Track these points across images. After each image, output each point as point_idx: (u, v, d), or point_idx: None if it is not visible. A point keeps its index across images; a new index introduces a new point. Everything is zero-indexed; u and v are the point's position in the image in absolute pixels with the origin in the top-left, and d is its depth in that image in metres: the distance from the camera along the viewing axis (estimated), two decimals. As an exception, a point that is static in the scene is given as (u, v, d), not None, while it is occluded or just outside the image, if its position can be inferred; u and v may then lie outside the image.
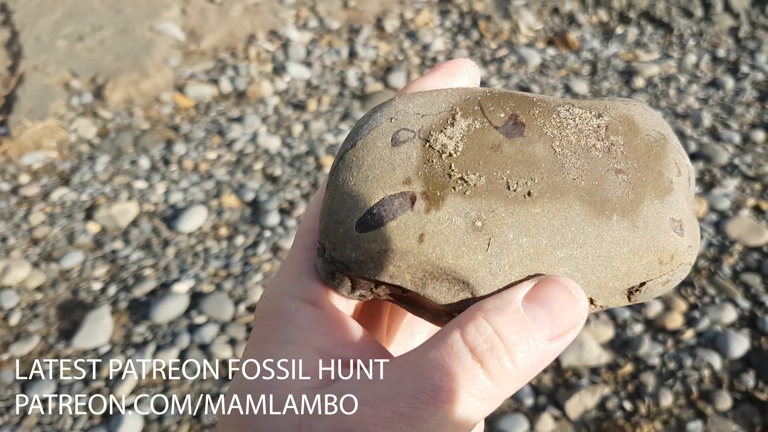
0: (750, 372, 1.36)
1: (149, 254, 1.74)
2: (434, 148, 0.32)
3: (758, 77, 2.44)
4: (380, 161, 0.32)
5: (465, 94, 0.35)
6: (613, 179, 0.34)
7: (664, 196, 0.35)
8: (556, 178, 0.33)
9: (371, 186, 0.32)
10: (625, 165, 0.35)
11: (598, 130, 0.35)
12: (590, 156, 0.34)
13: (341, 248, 0.32)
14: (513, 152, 0.33)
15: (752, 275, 1.59)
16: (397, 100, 0.35)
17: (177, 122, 2.28)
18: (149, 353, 1.46)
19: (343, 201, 0.32)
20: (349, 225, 0.32)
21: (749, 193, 1.87)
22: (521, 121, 0.34)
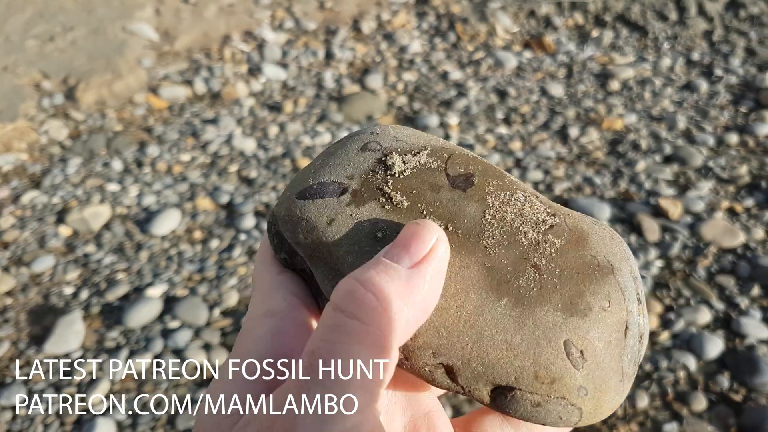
0: (725, 373, 1.37)
1: (122, 258, 1.71)
2: (386, 163, 0.37)
3: (732, 80, 2.47)
4: (343, 157, 0.38)
5: (447, 146, 0.39)
6: (524, 269, 0.34)
7: (571, 315, 0.33)
8: (470, 238, 0.34)
9: (325, 170, 0.37)
10: (545, 265, 0.34)
11: (540, 224, 0.36)
12: (515, 239, 0.35)
13: (279, 206, 0.38)
14: (447, 198, 0.36)
15: (727, 277, 1.61)
16: (392, 126, 0.40)
17: (150, 124, 2.25)
18: (122, 358, 1.43)
19: (301, 175, 0.38)
20: (293, 191, 0.37)
21: (723, 195, 1.89)
22: (472, 181, 0.36)
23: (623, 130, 2.21)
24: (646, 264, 1.65)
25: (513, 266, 0.34)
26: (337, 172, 0.37)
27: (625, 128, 2.22)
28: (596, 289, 0.34)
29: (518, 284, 0.34)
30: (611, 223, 1.79)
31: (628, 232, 1.76)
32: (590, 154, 2.09)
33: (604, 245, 0.36)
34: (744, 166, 2.00)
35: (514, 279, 0.34)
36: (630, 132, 2.20)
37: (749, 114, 2.27)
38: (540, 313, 0.33)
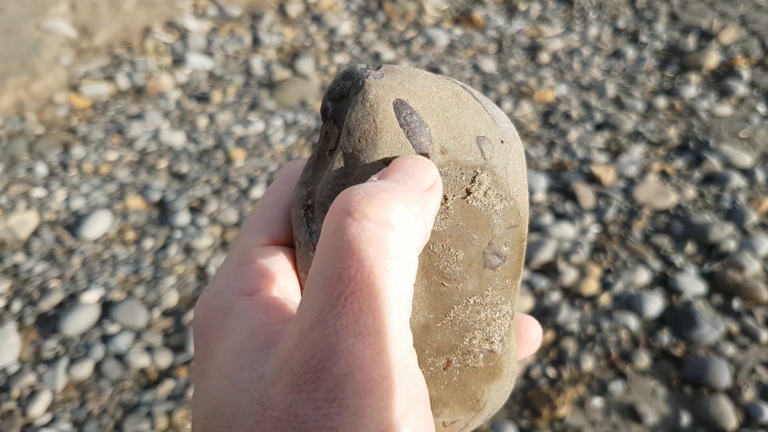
0: (665, 330, 1.41)
1: (54, 265, 1.65)
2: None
3: (657, 45, 2.52)
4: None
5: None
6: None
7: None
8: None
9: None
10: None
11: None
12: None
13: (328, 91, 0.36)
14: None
15: (662, 237, 1.64)
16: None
17: (74, 124, 2.16)
18: (62, 368, 1.39)
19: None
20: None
21: (654, 158, 1.93)
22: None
23: (554, 102, 2.23)
24: (583, 230, 1.68)
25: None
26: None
27: (557, 99, 2.25)
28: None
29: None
30: (547, 193, 1.81)
31: (563, 200, 1.78)
32: (524, 127, 2.11)
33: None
34: (672, 129, 2.05)
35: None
36: (561, 103, 2.22)
37: (675, 78, 2.33)
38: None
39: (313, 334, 0.25)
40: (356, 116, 0.32)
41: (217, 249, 1.69)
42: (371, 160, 0.32)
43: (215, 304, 0.32)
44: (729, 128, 2.04)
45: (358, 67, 0.34)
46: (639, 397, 1.29)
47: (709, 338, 1.37)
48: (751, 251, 1.56)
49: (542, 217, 1.71)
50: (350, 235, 0.26)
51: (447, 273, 0.33)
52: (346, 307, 0.25)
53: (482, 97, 0.36)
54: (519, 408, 1.28)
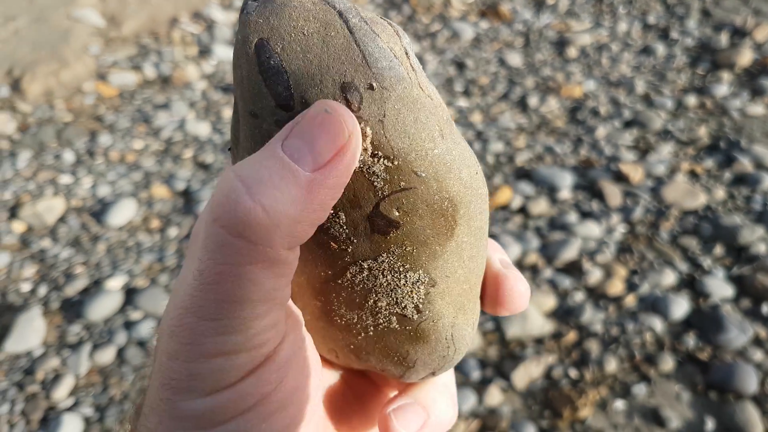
0: (690, 333, 1.38)
1: (79, 251, 1.67)
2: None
3: (688, 42, 2.48)
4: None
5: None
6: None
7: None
8: (333, 262, 0.34)
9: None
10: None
11: (395, 306, 0.35)
12: (363, 301, 0.35)
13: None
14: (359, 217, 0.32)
15: (689, 238, 1.62)
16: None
17: (101, 112, 2.18)
18: (86, 353, 1.40)
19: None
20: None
21: (683, 157, 1.90)
22: (395, 228, 0.32)
23: (582, 97, 2.21)
24: (609, 230, 1.65)
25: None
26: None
27: (584, 95, 2.22)
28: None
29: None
30: (573, 191, 1.79)
31: (590, 198, 1.76)
32: (550, 122, 2.09)
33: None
34: (702, 128, 2.01)
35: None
36: (589, 99, 2.19)
37: (706, 75, 2.29)
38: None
39: (176, 304, 0.28)
40: (233, 60, 0.30)
41: (240, 240, 1.70)
42: (243, 111, 0.30)
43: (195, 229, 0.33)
44: (761, 128, 2.00)
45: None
46: (663, 401, 1.27)
47: (736, 343, 1.34)
48: (781, 255, 1.53)
49: (567, 215, 1.69)
50: (206, 235, 0.26)
51: (332, 234, 0.31)
52: (199, 301, 0.27)
53: (362, 26, 0.29)
54: (539, 408, 1.27)
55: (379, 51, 0.29)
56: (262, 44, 0.28)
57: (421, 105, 0.30)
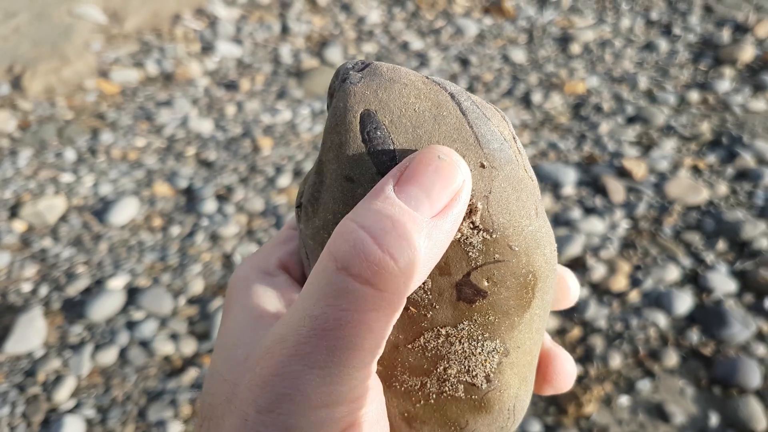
0: (694, 328, 1.38)
1: (81, 250, 1.66)
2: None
3: (691, 38, 2.47)
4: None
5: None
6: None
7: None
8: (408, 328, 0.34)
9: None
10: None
11: (465, 375, 0.35)
12: (432, 366, 0.34)
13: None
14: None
15: (692, 233, 1.61)
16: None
17: (103, 110, 2.18)
18: (87, 353, 1.40)
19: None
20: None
21: (686, 152, 1.90)
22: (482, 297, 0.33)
23: (585, 93, 2.20)
24: (613, 225, 1.65)
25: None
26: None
27: (588, 91, 2.21)
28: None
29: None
30: (576, 187, 1.79)
31: (593, 194, 1.75)
32: (554, 119, 2.08)
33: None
34: (705, 123, 2.01)
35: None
36: (592, 95, 2.19)
37: (708, 71, 2.28)
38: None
39: (279, 351, 0.27)
40: (328, 125, 0.31)
41: (243, 237, 1.70)
42: (335, 174, 0.30)
43: (239, 276, 0.34)
44: (763, 124, 1.99)
45: (345, 66, 0.32)
46: (667, 396, 1.27)
47: (739, 338, 1.34)
48: (785, 250, 1.53)
49: (571, 211, 1.68)
50: (327, 282, 0.26)
51: (414, 299, 0.32)
52: (308, 348, 0.26)
53: (474, 109, 0.31)
54: (544, 405, 1.27)
55: (491, 133, 0.31)
56: (369, 114, 0.30)
57: (524, 185, 0.32)
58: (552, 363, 0.38)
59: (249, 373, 0.27)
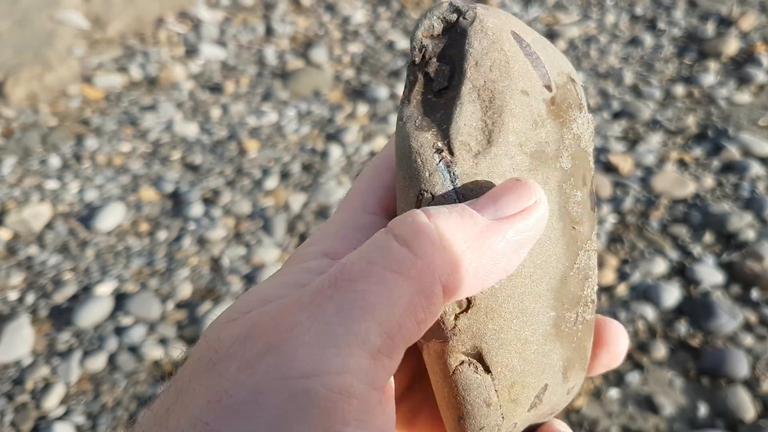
0: (682, 320, 1.39)
1: (67, 257, 1.65)
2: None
3: (675, 32, 2.48)
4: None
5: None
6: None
7: None
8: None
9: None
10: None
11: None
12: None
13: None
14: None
15: (679, 226, 1.62)
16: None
17: (87, 115, 2.17)
18: (76, 360, 1.39)
19: None
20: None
21: (672, 146, 1.90)
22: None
23: (570, 89, 2.21)
24: (600, 220, 1.65)
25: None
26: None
27: (573, 87, 2.22)
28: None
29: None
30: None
31: (580, 189, 1.76)
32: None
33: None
34: (691, 117, 2.02)
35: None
36: (577, 90, 2.20)
37: (693, 65, 2.29)
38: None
39: (292, 297, 0.25)
40: (479, 46, 0.29)
41: (231, 240, 1.69)
42: (508, 94, 0.29)
43: (296, 253, 0.32)
44: (748, 116, 2.01)
45: (455, 2, 0.31)
46: (656, 388, 1.27)
47: (727, 329, 1.35)
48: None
49: (558, 207, 1.69)
50: (374, 238, 0.26)
51: (574, 215, 0.31)
52: (324, 297, 0.25)
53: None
54: (534, 400, 1.27)
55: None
56: (516, 34, 0.30)
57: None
58: (603, 332, 0.37)
59: (249, 321, 0.25)
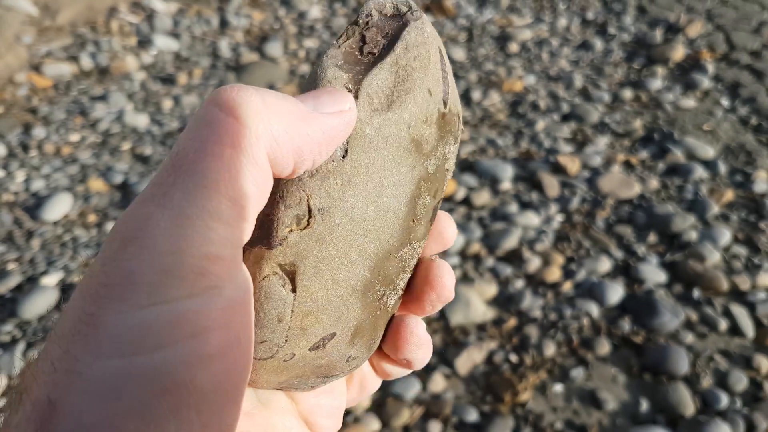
0: (626, 317, 1.42)
1: (12, 247, 1.61)
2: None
3: (625, 37, 2.55)
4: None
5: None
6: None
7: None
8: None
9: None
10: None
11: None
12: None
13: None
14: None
15: (624, 227, 1.66)
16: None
17: (35, 104, 2.11)
18: (19, 352, 1.36)
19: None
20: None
21: (619, 149, 1.95)
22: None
23: (523, 92, 2.24)
24: (547, 219, 1.69)
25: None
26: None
27: (525, 89, 2.25)
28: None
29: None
30: (513, 182, 1.82)
31: (529, 189, 1.79)
32: (492, 116, 2.12)
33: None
34: (638, 120, 2.07)
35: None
36: (529, 93, 2.23)
37: (642, 70, 2.35)
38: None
39: (139, 197, 0.26)
40: (415, 38, 0.34)
41: (181, 233, 1.67)
42: (418, 84, 0.33)
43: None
44: (693, 121, 2.07)
45: (409, 1, 0.36)
46: (599, 383, 1.30)
47: (669, 326, 1.39)
48: (711, 242, 1.59)
49: (508, 206, 1.71)
50: (199, 114, 0.27)
51: (418, 212, 0.35)
52: (167, 185, 0.25)
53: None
54: (481, 393, 1.29)
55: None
56: (440, 51, 0.35)
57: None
58: (437, 224, 0.40)
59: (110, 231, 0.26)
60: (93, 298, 0.24)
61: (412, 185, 0.34)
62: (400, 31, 0.34)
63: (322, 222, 0.31)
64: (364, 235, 0.32)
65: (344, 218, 0.32)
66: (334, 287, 0.32)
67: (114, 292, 0.23)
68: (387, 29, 0.35)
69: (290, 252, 0.31)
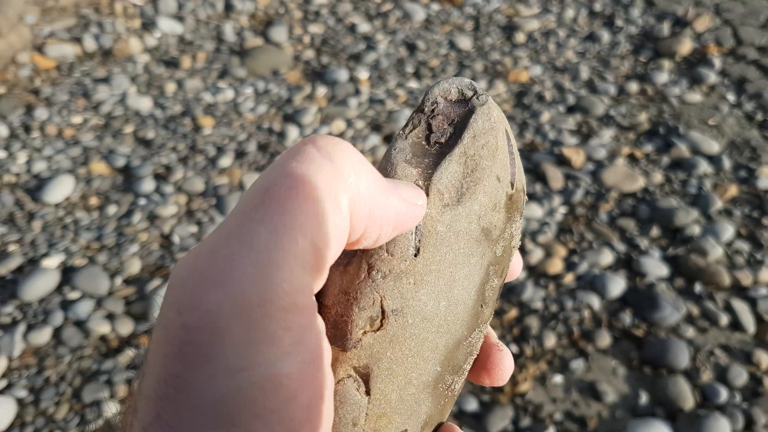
0: (627, 310, 1.42)
1: (13, 229, 1.61)
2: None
3: (632, 30, 2.53)
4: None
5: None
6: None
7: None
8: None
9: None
10: None
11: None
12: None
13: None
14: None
15: (627, 220, 1.66)
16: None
17: (37, 85, 2.10)
18: (20, 333, 1.36)
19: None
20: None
21: (624, 142, 1.95)
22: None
23: (529, 82, 2.23)
24: (551, 211, 1.68)
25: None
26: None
27: (531, 80, 2.24)
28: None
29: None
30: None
31: (533, 180, 1.78)
32: (498, 106, 2.10)
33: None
34: (643, 114, 2.06)
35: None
36: (535, 84, 2.22)
37: (648, 63, 2.34)
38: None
39: (215, 232, 0.25)
40: (482, 125, 0.33)
41: (182, 218, 1.67)
42: (487, 173, 0.33)
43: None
44: (699, 115, 2.06)
45: (474, 83, 0.36)
46: (599, 375, 1.30)
47: (670, 320, 1.39)
48: (714, 237, 1.59)
49: (511, 196, 1.71)
50: (292, 149, 0.26)
51: (486, 296, 0.34)
52: (251, 217, 0.24)
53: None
54: (481, 384, 1.29)
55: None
56: (507, 133, 0.35)
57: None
58: (493, 357, 0.38)
59: (183, 263, 0.24)
60: (177, 356, 0.22)
61: (482, 272, 0.33)
62: (467, 119, 0.34)
63: (396, 323, 0.31)
64: (435, 331, 0.32)
65: (417, 317, 0.31)
66: (406, 387, 0.32)
67: (200, 352, 0.22)
68: (453, 116, 0.35)
69: (364, 354, 0.31)
